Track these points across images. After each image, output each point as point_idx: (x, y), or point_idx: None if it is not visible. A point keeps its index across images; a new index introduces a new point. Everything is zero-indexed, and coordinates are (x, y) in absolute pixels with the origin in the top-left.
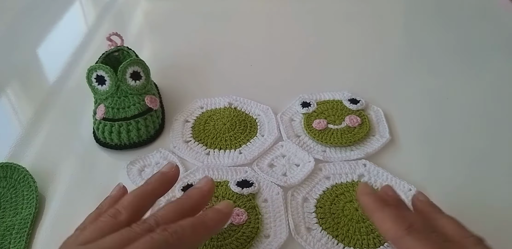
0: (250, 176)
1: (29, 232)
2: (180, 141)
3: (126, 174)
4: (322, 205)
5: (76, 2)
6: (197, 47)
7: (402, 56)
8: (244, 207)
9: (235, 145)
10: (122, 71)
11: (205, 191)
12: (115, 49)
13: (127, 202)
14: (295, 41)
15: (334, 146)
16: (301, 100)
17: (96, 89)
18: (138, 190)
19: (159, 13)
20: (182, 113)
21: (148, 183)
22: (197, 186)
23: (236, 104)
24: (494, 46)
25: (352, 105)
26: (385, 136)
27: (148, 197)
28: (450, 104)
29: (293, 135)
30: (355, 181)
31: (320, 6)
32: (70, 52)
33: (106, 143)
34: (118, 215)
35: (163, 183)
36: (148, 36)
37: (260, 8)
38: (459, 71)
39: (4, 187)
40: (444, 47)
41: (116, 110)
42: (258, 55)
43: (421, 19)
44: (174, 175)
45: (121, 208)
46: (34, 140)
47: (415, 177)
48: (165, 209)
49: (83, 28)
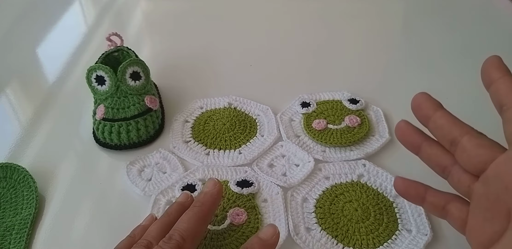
0: (250, 176)
1: (29, 233)
2: (179, 141)
3: (126, 174)
4: (321, 205)
5: (76, 2)
6: (197, 47)
7: (402, 56)
8: (244, 207)
9: (235, 145)
10: (122, 72)
11: (215, 194)
12: (115, 49)
13: (155, 233)
14: (295, 41)
15: (334, 146)
16: (301, 100)
17: (96, 90)
18: (160, 221)
19: (159, 13)
20: (182, 113)
21: (169, 214)
22: (206, 191)
23: (236, 104)
24: (494, 46)
25: (352, 105)
26: (385, 136)
27: (170, 227)
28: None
29: (292, 135)
30: (354, 181)
31: (320, 6)
32: (69, 53)
33: (106, 143)
34: (150, 245)
35: (181, 213)
36: (148, 36)
37: (260, 8)
38: (459, 71)
39: (4, 187)
40: (444, 47)
41: (115, 110)
42: (258, 55)
43: (421, 19)
44: (190, 204)
45: (151, 238)
46: (34, 140)
47: (415, 177)
48: (185, 222)
49: (82, 28)
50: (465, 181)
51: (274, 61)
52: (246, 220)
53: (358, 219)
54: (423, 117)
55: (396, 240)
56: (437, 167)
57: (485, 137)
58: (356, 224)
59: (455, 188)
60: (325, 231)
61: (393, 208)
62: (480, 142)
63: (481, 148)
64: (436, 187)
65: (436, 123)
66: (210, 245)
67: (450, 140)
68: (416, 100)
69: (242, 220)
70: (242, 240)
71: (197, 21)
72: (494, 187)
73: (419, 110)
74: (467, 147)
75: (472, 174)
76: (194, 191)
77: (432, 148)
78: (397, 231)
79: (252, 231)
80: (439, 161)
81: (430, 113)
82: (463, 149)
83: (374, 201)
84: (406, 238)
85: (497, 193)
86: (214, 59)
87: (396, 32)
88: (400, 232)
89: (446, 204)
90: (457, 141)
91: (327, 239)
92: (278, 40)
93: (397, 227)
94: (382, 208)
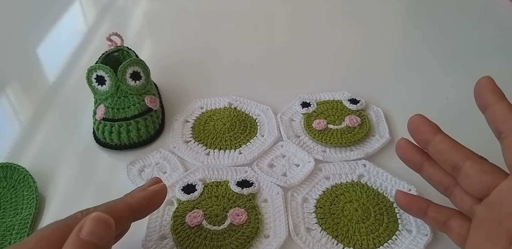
0: (250, 176)
1: (29, 233)
2: (180, 141)
3: (126, 174)
4: (321, 205)
5: (76, 2)
6: (197, 47)
7: (402, 56)
8: (244, 207)
9: (235, 145)
10: (122, 72)
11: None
12: (115, 49)
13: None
14: (295, 41)
15: (334, 146)
16: (301, 100)
17: (96, 90)
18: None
19: (159, 13)
20: (182, 113)
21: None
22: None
23: (236, 104)
24: (494, 46)
25: (352, 106)
26: (385, 136)
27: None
28: (450, 104)
29: (293, 135)
30: (355, 181)
31: (320, 6)
32: (69, 52)
33: (106, 143)
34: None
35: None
36: (148, 36)
37: (260, 8)
38: (459, 71)
39: (4, 187)
40: (444, 47)
41: (116, 110)
42: (258, 55)
43: (421, 19)
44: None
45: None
46: (34, 140)
47: (415, 177)
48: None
49: (83, 28)
50: (468, 202)
51: (274, 61)
52: (246, 220)
53: (359, 219)
54: (422, 141)
55: (396, 240)
56: (439, 186)
57: (487, 162)
58: (357, 224)
59: (457, 207)
60: (325, 231)
61: (394, 208)
62: (483, 168)
63: (484, 174)
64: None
65: (436, 148)
66: (210, 245)
67: (452, 165)
68: (413, 124)
69: (242, 220)
70: (242, 240)
71: (197, 21)
72: (497, 212)
73: (417, 134)
74: (470, 173)
75: (475, 197)
76: (194, 191)
77: (434, 167)
78: (398, 231)
79: (252, 231)
80: (441, 181)
81: (429, 138)
82: (466, 175)
83: (374, 201)
84: (407, 238)
85: (499, 218)
86: (214, 59)
87: (396, 32)
88: (401, 232)
89: (447, 220)
90: (459, 166)
91: (327, 239)
92: (278, 40)
93: (397, 227)
94: (383, 208)
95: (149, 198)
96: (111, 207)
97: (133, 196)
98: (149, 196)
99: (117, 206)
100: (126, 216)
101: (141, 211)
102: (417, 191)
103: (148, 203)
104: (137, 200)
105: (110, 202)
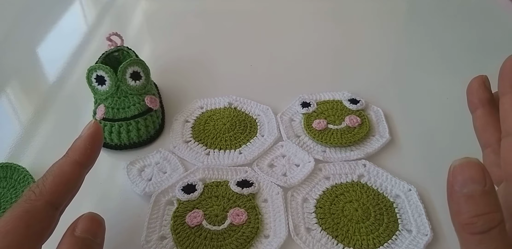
0: (250, 176)
1: None
2: (180, 141)
3: (126, 174)
4: (322, 205)
5: (76, 2)
6: (197, 47)
7: (403, 56)
8: (244, 207)
9: (235, 145)
10: (122, 72)
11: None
12: (115, 49)
13: None
14: (295, 41)
15: (334, 146)
16: (301, 100)
17: (96, 90)
18: None
19: (159, 13)
20: (182, 113)
21: None
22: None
23: (236, 104)
24: (494, 46)
25: (352, 106)
26: (385, 136)
27: None
28: (450, 104)
29: (293, 135)
30: (355, 181)
31: (320, 6)
32: (70, 52)
33: (106, 143)
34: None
35: None
36: (148, 36)
37: (260, 8)
38: (459, 71)
39: (4, 187)
40: (444, 47)
41: (116, 110)
42: (258, 55)
43: (421, 19)
44: None
45: None
46: (34, 140)
47: (415, 177)
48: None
49: (83, 28)
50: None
51: (274, 61)
52: (246, 220)
53: (359, 219)
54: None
55: (396, 240)
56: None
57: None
58: (357, 224)
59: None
60: (325, 231)
61: (394, 208)
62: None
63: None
64: (437, 188)
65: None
66: (210, 245)
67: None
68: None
69: (242, 220)
70: (242, 240)
71: (197, 21)
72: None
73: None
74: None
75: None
76: (194, 191)
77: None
78: (398, 231)
79: (252, 231)
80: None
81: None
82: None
83: (374, 201)
84: (407, 238)
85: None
86: (214, 59)
87: (396, 32)
88: (401, 232)
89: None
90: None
91: (327, 239)
92: (278, 40)
93: (397, 227)
94: (383, 208)
95: (89, 143)
96: (59, 172)
97: (74, 149)
98: (88, 141)
99: (64, 168)
100: (77, 174)
101: (88, 160)
102: (417, 191)
103: (91, 149)
104: (79, 152)
105: (55, 166)
